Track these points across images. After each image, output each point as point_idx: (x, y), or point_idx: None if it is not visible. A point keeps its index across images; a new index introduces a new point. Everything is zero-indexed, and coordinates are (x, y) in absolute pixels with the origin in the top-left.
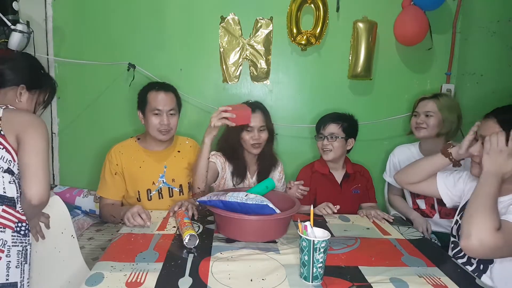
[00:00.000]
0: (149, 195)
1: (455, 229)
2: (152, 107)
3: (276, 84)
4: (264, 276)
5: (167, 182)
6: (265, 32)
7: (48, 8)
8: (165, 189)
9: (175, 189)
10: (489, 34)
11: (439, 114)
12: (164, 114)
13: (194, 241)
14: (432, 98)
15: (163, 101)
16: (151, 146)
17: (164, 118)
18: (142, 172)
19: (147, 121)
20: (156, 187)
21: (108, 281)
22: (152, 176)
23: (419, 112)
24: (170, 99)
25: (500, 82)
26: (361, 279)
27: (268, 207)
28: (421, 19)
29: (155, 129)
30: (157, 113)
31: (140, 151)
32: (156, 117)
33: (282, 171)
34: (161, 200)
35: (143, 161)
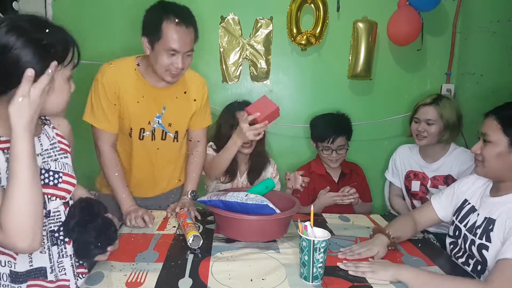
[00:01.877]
0: (141, 134)
1: (451, 230)
2: (168, 46)
3: (276, 84)
4: (264, 276)
5: (162, 124)
6: (265, 32)
7: (48, 8)
8: (159, 130)
9: (170, 134)
10: (489, 34)
11: (440, 121)
12: (181, 55)
13: (198, 242)
14: (433, 104)
15: (182, 40)
16: (153, 80)
17: (179, 60)
18: (139, 109)
19: (155, 56)
20: (150, 127)
21: (108, 280)
22: (148, 115)
23: (420, 119)
24: (190, 36)
25: (500, 82)
26: (361, 279)
27: (268, 207)
28: (414, 19)
29: (164, 69)
30: (172, 54)
31: (140, 83)
32: (169, 58)
33: (275, 171)
34: (153, 142)
35: (142, 96)
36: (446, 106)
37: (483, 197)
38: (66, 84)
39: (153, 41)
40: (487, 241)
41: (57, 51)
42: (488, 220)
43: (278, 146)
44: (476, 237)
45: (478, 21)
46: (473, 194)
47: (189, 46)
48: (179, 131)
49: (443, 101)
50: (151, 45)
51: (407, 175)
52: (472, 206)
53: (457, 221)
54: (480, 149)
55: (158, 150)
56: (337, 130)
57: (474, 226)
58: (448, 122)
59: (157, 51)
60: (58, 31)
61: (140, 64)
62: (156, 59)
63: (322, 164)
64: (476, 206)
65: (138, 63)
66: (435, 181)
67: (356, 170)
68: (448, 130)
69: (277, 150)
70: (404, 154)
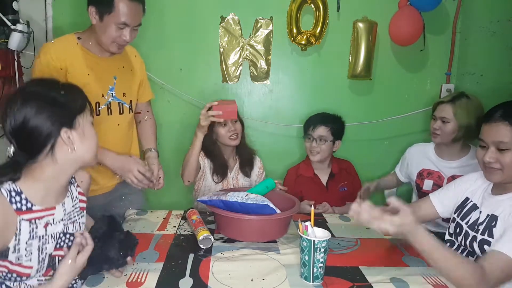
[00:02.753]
0: (97, 109)
1: (452, 228)
2: (119, 19)
3: (276, 84)
4: (264, 276)
5: (116, 96)
6: (265, 32)
7: (48, 8)
8: (115, 104)
9: (126, 105)
10: (489, 34)
11: (455, 120)
12: (130, 28)
13: (208, 242)
14: (449, 102)
15: (133, 14)
16: (97, 51)
17: (127, 33)
18: (90, 81)
19: (103, 27)
20: (105, 100)
21: (109, 281)
22: (101, 87)
23: (436, 116)
24: (140, 11)
25: (500, 82)
26: (362, 279)
27: (268, 207)
28: (416, 19)
29: (111, 40)
30: (122, 27)
31: (85, 55)
32: (118, 30)
33: (262, 167)
34: (110, 116)
35: (91, 69)
36: (462, 105)
37: (485, 195)
38: (93, 129)
39: (103, 13)
40: (489, 237)
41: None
42: (491, 216)
43: (278, 145)
44: (478, 233)
45: (478, 21)
46: (474, 192)
47: (139, 21)
48: (133, 101)
49: (461, 100)
50: (100, 16)
51: (420, 173)
52: (474, 204)
53: (458, 218)
54: (495, 158)
55: (119, 126)
56: (321, 119)
57: (476, 223)
58: (461, 121)
59: (106, 22)
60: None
61: (81, 37)
62: (104, 30)
63: (311, 165)
64: (478, 204)
65: (78, 37)
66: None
67: (347, 168)
68: (462, 130)
69: (277, 149)
70: (418, 152)
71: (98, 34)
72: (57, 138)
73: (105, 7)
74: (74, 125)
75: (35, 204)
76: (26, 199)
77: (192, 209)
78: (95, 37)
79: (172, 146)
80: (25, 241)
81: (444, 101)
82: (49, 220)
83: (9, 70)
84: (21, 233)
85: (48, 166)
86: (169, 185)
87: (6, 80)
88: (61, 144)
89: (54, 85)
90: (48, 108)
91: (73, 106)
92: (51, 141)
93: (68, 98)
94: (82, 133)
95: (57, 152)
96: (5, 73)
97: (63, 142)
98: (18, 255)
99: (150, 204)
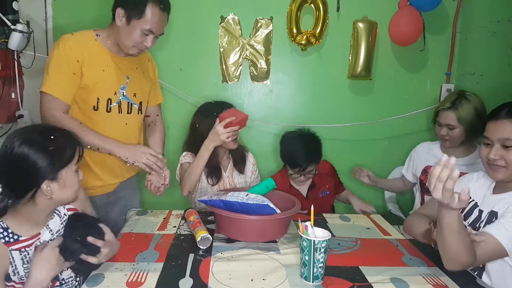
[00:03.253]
0: (109, 106)
1: None
2: (147, 26)
3: (276, 84)
4: (264, 276)
5: (127, 95)
6: (265, 32)
7: (48, 8)
8: (125, 103)
9: (135, 105)
10: (489, 34)
11: (460, 125)
12: (152, 36)
13: (207, 243)
14: (451, 108)
15: (160, 24)
16: (114, 50)
17: (150, 40)
18: (105, 77)
19: (128, 30)
20: (117, 98)
21: (109, 281)
22: (115, 84)
23: (442, 123)
24: (166, 21)
25: (500, 82)
26: (362, 279)
27: (268, 207)
28: (416, 19)
29: (133, 44)
30: (147, 34)
31: (103, 52)
32: (142, 36)
33: (255, 164)
34: (120, 115)
35: (107, 65)
36: (464, 108)
37: (486, 194)
38: (75, 177)
39: (131, 17)
40: None
41: (65, 153)
42: (490, 213)
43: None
44: (479, 230)
45: (478, 21)
46: (476, 192)
47: (163, 30)
48: (143, 102)
49: (461, 104)
50: (127, 19)
51: (425, 170)
52: (475, 203)
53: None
54: (500, 155)
55: (127, 126)
56: (308, 159)
57: (477, 221)
58: (468, 124)
59: (132, 26)
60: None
61: (100, 34)
62: (129, 33)
63: (287, 176)
64: (479, 203)
65: (97, 34)
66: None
67: (328, 172)
68: (468, 131)
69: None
70: (424, 149)
71: (121, 36)
72: (38, 188)
73: (136, 12)
74: (56, 177)
75: (21, 236)
76: (13, 232)
77: (190, 209)
78: (115, 37)
79: (171, 146)
80: (21, 265)
81: (445, 108)
82: (37, 244)
83: (9, 70)
84: (14, 261)
85: (29, 207)
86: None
87: (6, 80)
88: (41, 192)
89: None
90: (38, 159)
91: (60, 159)
92: (33, 190)
93: (57, 151)
94: (63, 183)
95: (37, 197)
96: (5, 73)
97: (42, 191)
98: (19, 276)
99: (150, 204)
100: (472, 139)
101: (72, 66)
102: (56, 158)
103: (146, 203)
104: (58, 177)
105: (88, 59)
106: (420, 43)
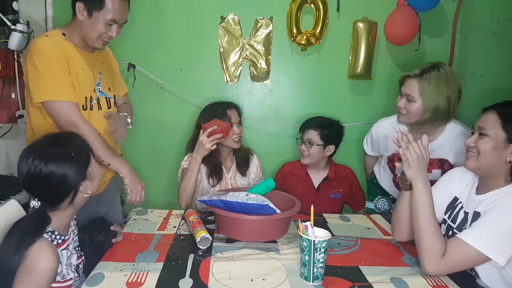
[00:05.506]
0: (90, 104)
1: (444, 229)
2: (109, 17)
3: (276, 84)
4: (264, 276)
5: (103, 91)
6: (265, 32)
7: (48, 8)
8: (103, 99)
9: (112, 100)
10: (489, 34)
11: (420, 100)
12: (117, 25)
13: (207, 243)
14: (417, 77)
15: (123, 12)
16: (82, 47)
17: (114, 30)
18: (85, 75)
19: (91, 23)
20: (95, 95)
21: (109, 281)
22: (91, 82)
23: (402, 93)
24: (127, 9)
25: (500, 82)
26: (362, 279)
27: (268, 207)
28: (411, 19)
29: (98, 36)
30: (110, 24)
31: (75, 51)
32: (106, 27)
33: (259, 166)
34: (100, 111)
35: (83, 63)
36: (431, 81)
37: (469, 195)
38: (97, 166)
39: (92, 9)
40: None
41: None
42: (474, 214)
43: (278, 145)
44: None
45: (478, 21)
46: (462, 191)
47: (126, 18)
48: (116, 95)
49: (430, 74)
50: (88, 12)
51: (391, 159)
52: (462, 205)
53: (449, 220)
54: (474, 142)
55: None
56: (312, 123)
57: (464, 223)
58: (428, 102)
59: (94, 19)
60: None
61: (65, 33)
62: (92, 26)
63: (304, 165)
64: (464, 204)
65: (63, 33)
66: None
67: (347, 176)
68: (429, 112)
69: (277, 149)
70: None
71: (85, 30)
72: (77, 191)
73: (95, 3)
74: (86, 176)
75: (65, 236)
76: (59, 234)
77: (190, 209)
78: (79, 32)
79: (172, 146)
80: (64, 263)
81: (411, 75)
82: (70, 242)
83: (9, 70)
84: (62, 260)
85: (69, 209)
86: (169, 185)
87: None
88: (79, 193)
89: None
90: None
91: (84, 160)
92: (73, 194)
93: (78, 154)
94: (92, 177)
95: (75, 198)
96: (5, 73)
97: (80, 192)
98: (62, 275)
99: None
100: (437, 125)
101: (65, 67)
102: (81, 160)
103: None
104: (87, 175)
105: (71, 60)
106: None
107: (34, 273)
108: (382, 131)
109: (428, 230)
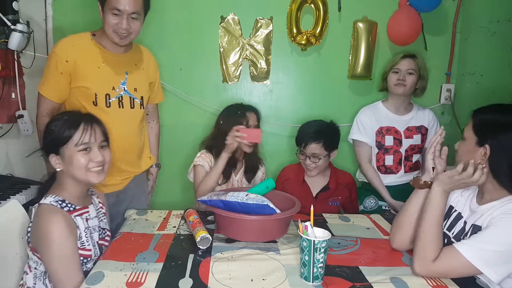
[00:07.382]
0: (107, 101)
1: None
2: (112, 5)
3: (276, 84)
4: (264, 276)
5: (128, 90)
6: (265, 32)
7: (48, 8)
8: (126, 98)
9: (137, 100)
10: (489, 34)
11: (417, 73)
12: (125, 16)
13: (207, 243)
14: (413, 57)
15: (125, 1)
16: (109, 47)
17: (123, 20)
18: (100, 73)
19: (104, 18)
20: (116, 93)
21: (109, 280)
22: (112, 80)
23: (401, 69)
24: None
25: (500, 82)
26: (362, 279)
27: (268, 207)
28: (414, 19)
29: (111, 29)
30: (116, 14)
31: (97, 50)
32: (114, 17)
33: (264, 172)
34: (122, 109)
35: (102, 62)
36: (421, 61)
37: (470, 204)
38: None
39: (103, 4)
40: None
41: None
42: (474, 226)
43: (278, 145)
44: None
45: (478, 21)
46: (458, 201)
47: (132, 8)
48: (144, 97)
49: (418, 58)
50: (102, 8)
51: (379, 131)
52: (458, 213)
53: (445, 229)
54: (459, 145)
55: (130, 120)
56: (312, 136)
57: (461, 233)
58: (423, 75)
59: (105, 11)
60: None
61: (95, 34)
62: (105, 20)
63: (303, 171)
64: (463, 213)
65: (93, 34)
66: (408, 132)
67: (347, 184)
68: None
69: (277, 149)
70: (370, 113)
71: (104, 27)
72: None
73: None
74: (59, 152)
75: (75, 205)
76: (69, 203)
77: (189, 209)
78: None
79: (172, 146)
80: (83, 229)
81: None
82: (87, 216)
83: (9, 70)
84: (78, 226)
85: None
86: (169, 185)
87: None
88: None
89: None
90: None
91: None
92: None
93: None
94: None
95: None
96: (5, 73)
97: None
98: (81, 241)
99: (150, 204)
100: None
101: (60, 66)
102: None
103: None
104: (60, 151)
105: (82, 58)
106: (419, 43)
107: (51, 239)
108: (367, 114)
109: (429, 232)
